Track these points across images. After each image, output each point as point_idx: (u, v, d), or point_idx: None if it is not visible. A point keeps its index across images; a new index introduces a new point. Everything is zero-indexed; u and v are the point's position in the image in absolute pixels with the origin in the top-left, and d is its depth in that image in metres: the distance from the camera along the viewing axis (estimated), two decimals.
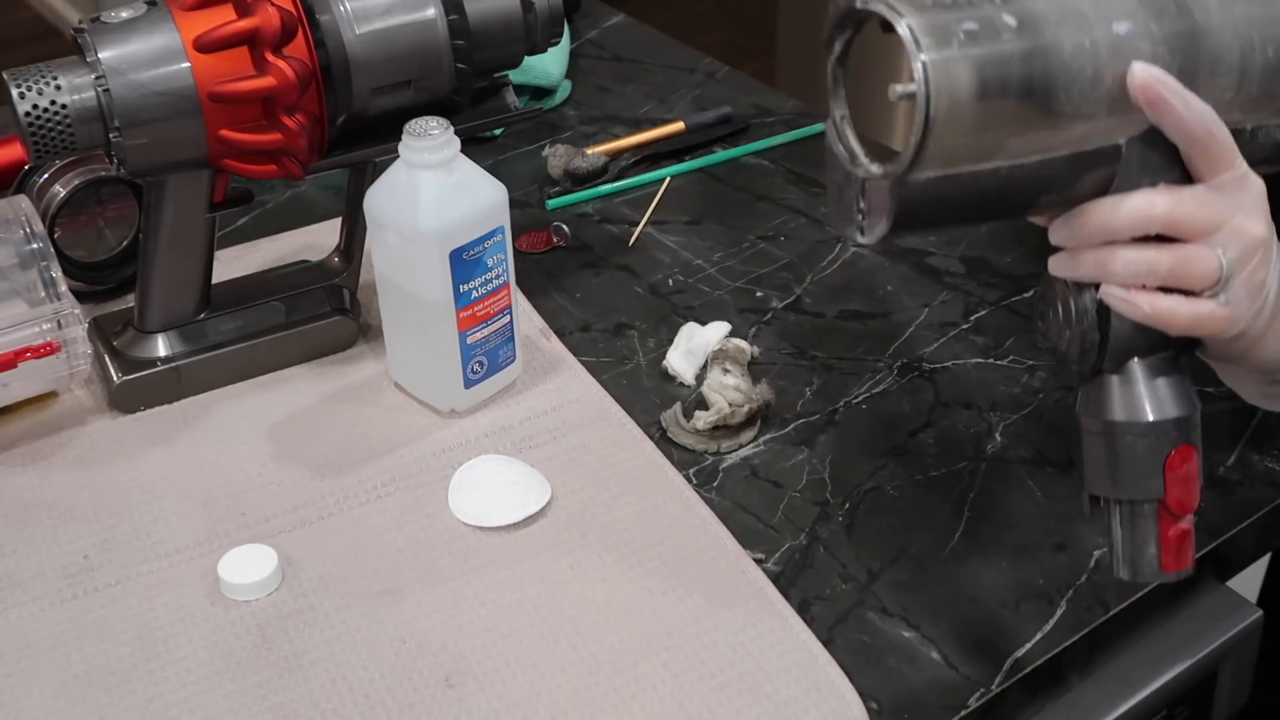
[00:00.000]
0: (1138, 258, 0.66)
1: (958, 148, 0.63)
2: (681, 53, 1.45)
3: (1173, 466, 0.69)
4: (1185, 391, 0.69)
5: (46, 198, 1.01)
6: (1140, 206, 0.66)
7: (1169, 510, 0.69)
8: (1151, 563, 0.70)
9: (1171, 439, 0.69)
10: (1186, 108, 0.65)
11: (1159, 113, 0.65)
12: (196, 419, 0.95)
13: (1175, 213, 0.66)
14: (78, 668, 0.77)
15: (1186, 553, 0.70)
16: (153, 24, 0.85)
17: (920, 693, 0.75)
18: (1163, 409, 0.69)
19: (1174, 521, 0.69)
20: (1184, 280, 0.66)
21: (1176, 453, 0.69)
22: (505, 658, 0.77)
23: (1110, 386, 0.70)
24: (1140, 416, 0.69)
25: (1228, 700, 0.92)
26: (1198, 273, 0.66)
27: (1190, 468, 0.69)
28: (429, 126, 0.86)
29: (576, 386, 0.97)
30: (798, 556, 0.84)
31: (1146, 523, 0.70)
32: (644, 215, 1.17)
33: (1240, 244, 0.66)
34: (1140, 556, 0.70)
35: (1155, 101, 0.64)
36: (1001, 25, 0.63)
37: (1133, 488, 0.69)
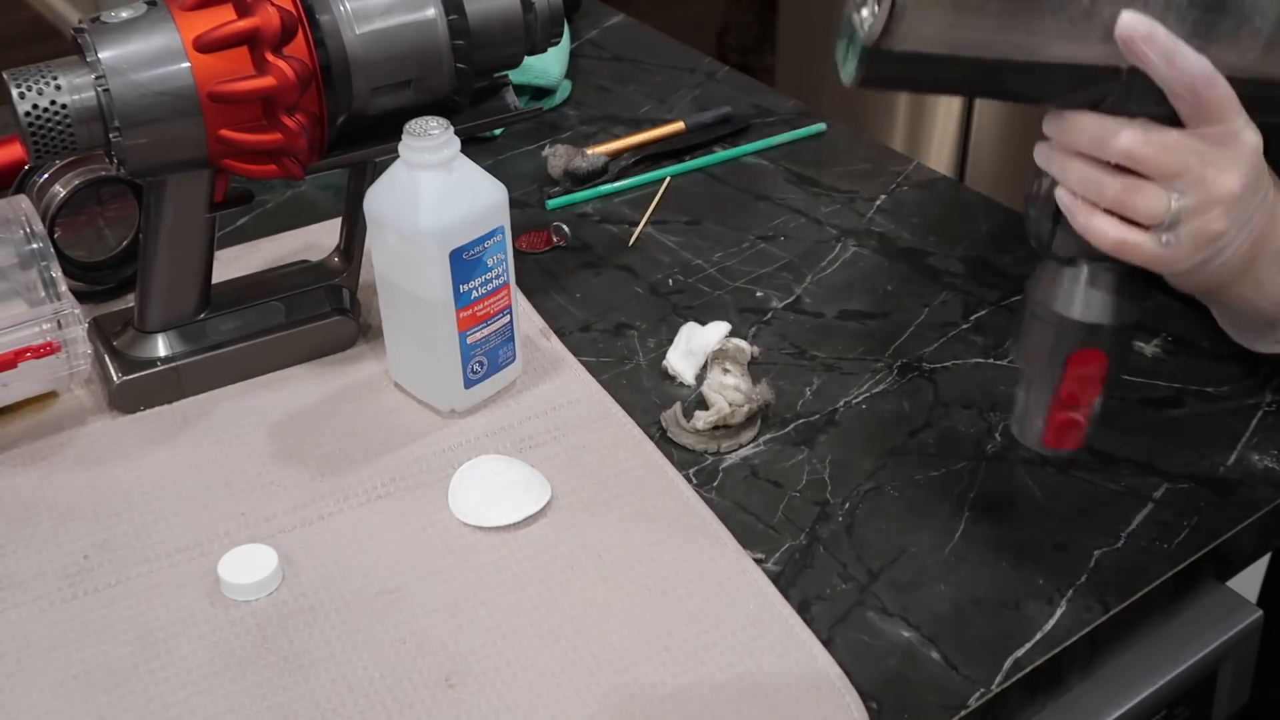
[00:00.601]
0: (1090, 175, 0.71)
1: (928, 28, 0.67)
2: (681, 53, 1.45)
3: (1074, 363, 0.75)
4: (1119, 304, 0.74)
5: (46, 198, 1.01)
6: (1106, 133, 0.70)
7: (1060, 399, 0.76)
8: (1036, 433, 0.78)
9: (1080, 339, 0.74)
10: (1169, 64, 0.68)
11: (1139, 62, 0.68)
12: (196, 419, 0.95)
13: (1137, 150, 0.70)
14: (78, 668, 0.77)
15: (1069, 437, 0.77)
16: (153, 24, 0.85)
17: (920, 693, 0.75)
18: (1086, 311, 0.74)
19: (1064, 410, 0.76)
20: (1127, 210, 0.71)
21: (1081, 353, 0.74)
22: (505, 658, 0.77)
23: (1050, 271, 0.75)
24: (1062, 309, 0.74)
25: (1228, 700, 0.92)
26: (1142, 207, 0.71)
27: (1090, 370, 0.74)
28: (429, 126, 0.86)
29: (576, 386, 0.97)
30: (798, 556, 0.84)
31: (1040, 400, 0.77)
32: (644, 215, 1.17)
33: (1200, 194, 0.70)
34: (1028, 424, 0.78)
35: (1134, 52, 0.68)
36: None
37: (1031, 365, 0.77)
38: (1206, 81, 0.69)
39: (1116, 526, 0.85)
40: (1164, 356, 0.98)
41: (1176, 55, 0.68)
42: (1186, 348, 0.99)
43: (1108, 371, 0.75)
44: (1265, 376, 0.96)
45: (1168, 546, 0.84)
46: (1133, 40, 0.68)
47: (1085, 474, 0.89)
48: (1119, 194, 0.71)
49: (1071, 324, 0.74)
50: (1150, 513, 0.86)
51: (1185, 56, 0.68)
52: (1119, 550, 0.83)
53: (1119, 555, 0.83)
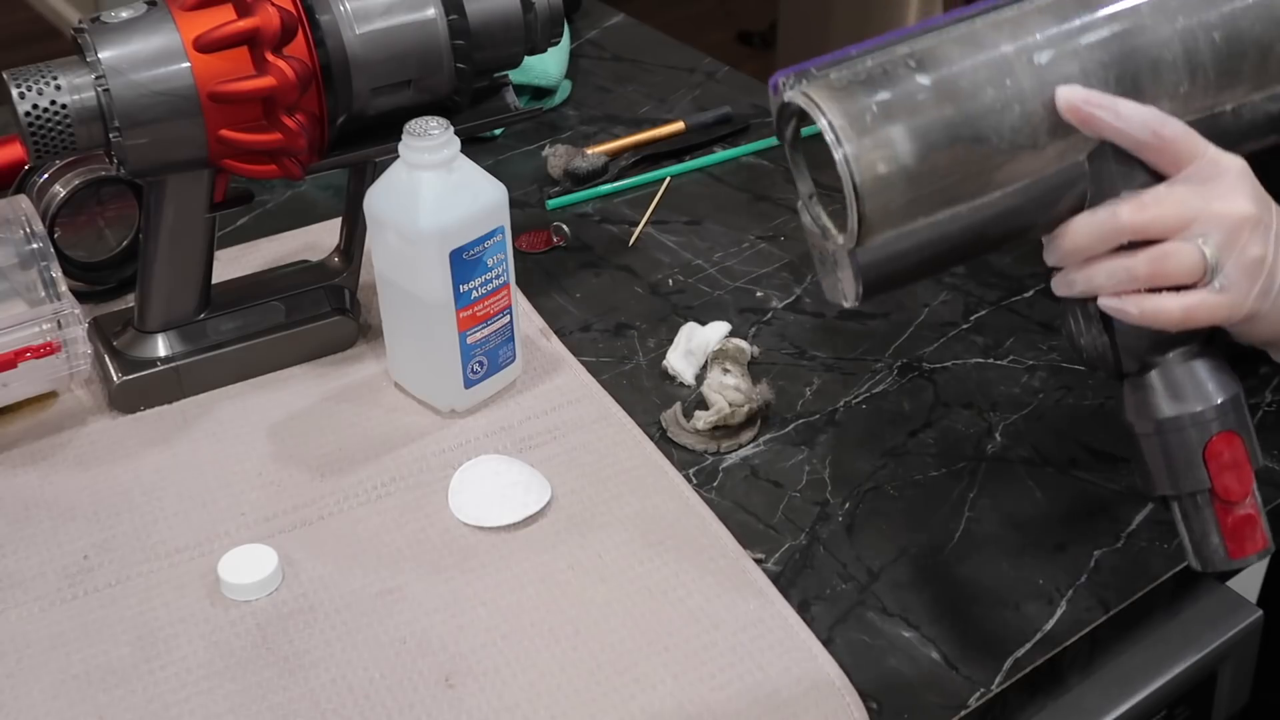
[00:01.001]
0: (1116, 267, 0.69)
1: (898, 211, 0.67)
2: (681, 53, 1.45)
3: (1213, 455, 0.70)
4: (1215, 381, 0.70)
5: (46, 198, 1.01)
6: (1104, 220, 0.69)
7: (1220, 499, 0.70)
8: (1218, 551, 0.71)
9: (1205, 429, 0.70)
10: (1119, 117, 0.68)
11: (1094, 128, 0.68)
12: (196, 419, 0.95)
13: (1139, 218, 0.68)
14: (78, 668, 0.77)
15: (1252, 536, 0.70)
16: (153, 24, 0.85)
17: (920, 693, 0.75)
18: (1184, 402, 0.70)
19: (1230, 509, 0.70)
20: (1167, 278, 0.68)
21: (1214, 441, 0.70)
22: (505, 658, 0.77)
23: (1134, 389, 0.72)
24: (1168, 413, 0.70)
25: (1228, 700, 0.92)
26: (1178, 268, 0.68)
27: (1232, 454, 0.70)
28: (429, 126, 0.86)
29: (576, 386, 0.97)
30: (798, 556, 0.84)
31: (1204, 513, 0.71)
32: (644, 215, 1.17)
33: (1221, 229, 0.68)
34: (1206, 546, 0.71)
35: (1086, 120, 0.68)
36: (916, 89, 0.67)
37: (1177, 482, 0.71)
38: (1159, 121, 0.68)
39: (1116, 526, 0.85)
40: None
41: (1120, 106, 0.68)
42: None
43: (1248, 447, 0.70)
44: (1265, 376, 0.96)
45: (1168, 546, 0.84)
46: (1076, 107, 0.68)
47: (1085, 474, 0.89)
48: (1151, 268, 0.68)
49: (1188, 419, 0.70)
50: (1150, 513, 0.86)
51: (1129, 105, 0.68)
52: (1119, 550, 0.83)
53: (1119, 555, 0.83)
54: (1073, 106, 0.68)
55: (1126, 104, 0.68)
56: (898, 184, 0.67)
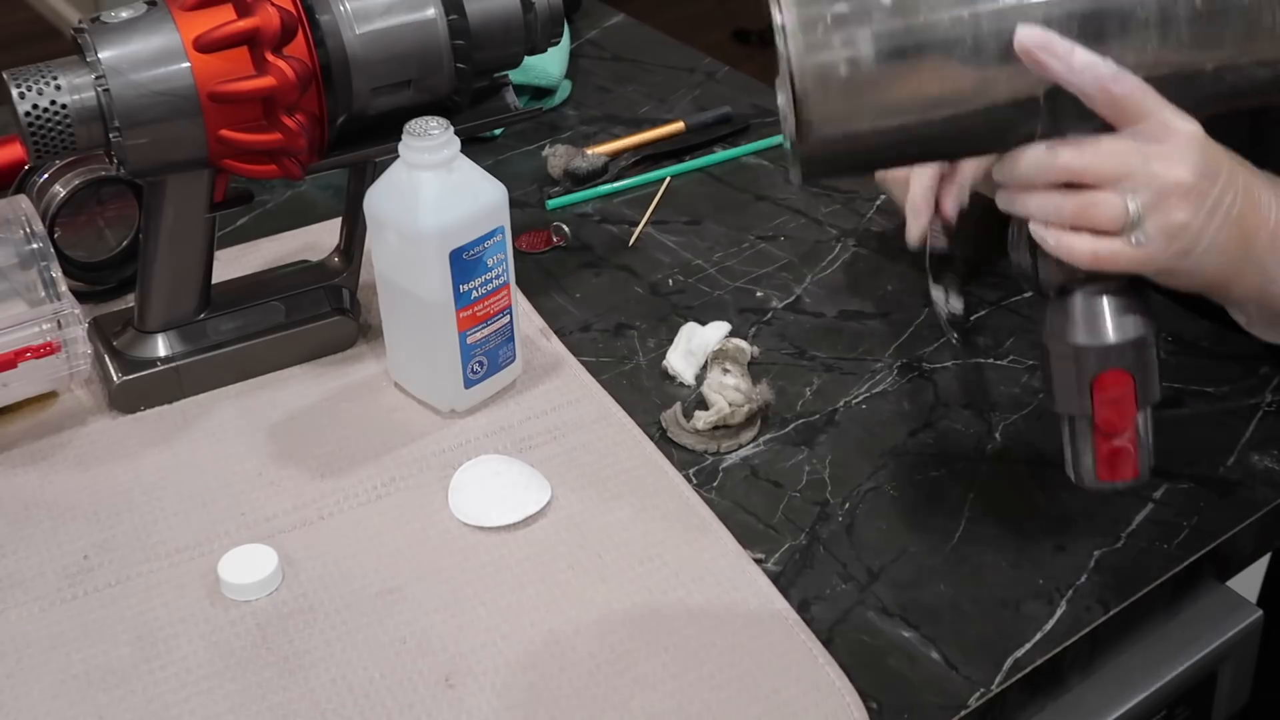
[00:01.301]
0: (1047, 201, 0.73)
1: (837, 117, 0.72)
2: (681, 53, 1.45)
3: (1099, 388, 0.74)
4: (1120, 320, 0.74)
5: (46, 198, 1.01)
6: (1044, 157, 0.73)
7: (1100, 429, 0.75)
8: (1089, 472, 0.76)
9: (1098, 363, 0.74)
10: (1070, 69, 0.70)
11: (1045, 72, 0.71)
12: (196, 419, 0.95)
13: (1075, 163, 0.72)
14: (78, 668, 0.77)
15: (1121, 466, 0.76)
16: (153, 24, 0.85)
17: (920, 693, 0.75)
18: (1092, 335, 0.74)
19: (1108, 439, 0.75)
20: (1090, 222, 0.72)
21: (1103, 376, 0.74)
22: (505, 658, 0.77)
23: (1050, 309, 0.76)
24: (1069, 339, 0.75)
25: (1228, 700, 0.92)
26: (1102, 216, 0.72)
27: (1118, 391, 0.74)
28: (429, 126, 0.86)
29: (576, 386, 0.97)
30: (798, 556, 0.84)
31: (1084, 436, 0.76)
32: (644, 215, 1.17)
33: (1151, 189, 0.71)
34: (1080, 465, 0.77)
35: (1036, 63, 0.71)
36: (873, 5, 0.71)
37: (1064, 404, 0.76)
38: (1112, 78, 0.70)
39: (1116, 526, 0.85)
40: (1164, 356, 0.98)
41: (1075, 57, 0.70)
42: (1186, 348, 0.99)
43: (1137, 390, 0.74)
44: (1265, 376, 0.96)
45: (1168, 546, 0.84)
46: (1030, 51, 0.70)
47: None
48: (1077, 209, 0.72)
49: (1083, 350, 0.74)
50: (1150, 513, 0.86)
51: (1084, 57, 0.70)
52: (1119, 550, 0.83)
53: (1119, 555, 0.83)
54: (1026, 49, 0.70)
55: (1081, 54, 0.70)
56: (836, 92, 0.71)
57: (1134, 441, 0.75)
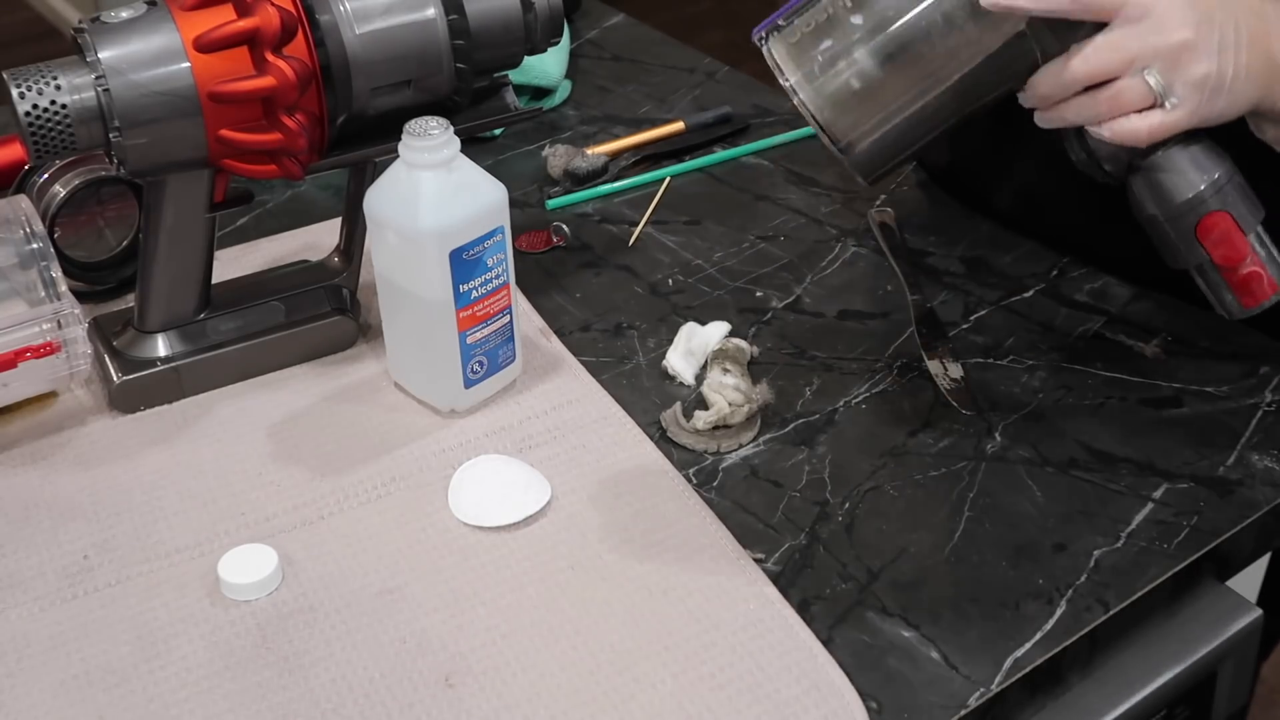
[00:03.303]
0: (1081, 106, 0.82)
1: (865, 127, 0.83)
2: (681, 53, 1.45)
3: (1204, 234, 0.83)
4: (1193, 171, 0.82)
5: (46, 198, 1.01)
6: (1058, 73, 0.81)
7: (1221, 267, 0.84)
8: (1234, 304, 0.86)
9: (1191, 215, 0.83)
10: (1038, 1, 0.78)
11: (1019, 13, 0.79)
12: (196, 419, 0.95)
13: (1085, 68, 0.80)
14: (78, 667, 0.77)
15: (1258, 288, 0.84)
16: (153, 24, 0.85)
17: (920, 692, 0.75)
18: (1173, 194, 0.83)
19: (1234, 272, 0.84)
20: (1125, 108, 0.80)
21: (1202, 223, 0.83)
22: (505, 658, 0.77)
23: (1135, 187, 0.85)
24: (1156, 207, 0.84)
25: (1228, 700, 0.92)
26: (1133, 99, 0.80)
27: (1220, 230, 0.82)
28: (429, 126, 0.86)
29: (576, 386, 0.97)
30: (798, 556, 0.84)
31: (1213, 277, 0.85)
32: (644, 215, 1.17)
33: (1161, 58, 0.79)
34: (1225, 302, 0.86)
35: (1007, 9, 0.79)
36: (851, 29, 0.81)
37: (1183, 259, 0.85)
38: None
39: (1116, 526, 0.85)
40: (1164, 356, 0.98)
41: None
42: (1186, 348, 0.99)
43: (1237, 221, 0.82)
44: (1265, 376, 0.96)
45: (1168, 546, 0.84)
46: (997, 3, 0.78)
47: (1085, 474, 0.89)
48: (1110, 105, 0.80)
49: (1172, 210, 0.83)
50: (1150, 513, 0.86)
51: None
52: (1119, 550, 0.83)
53: (1119, 555, 0.83)
54: (994, 2, 0.78)
55: None
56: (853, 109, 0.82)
57: (1259, 263, 0.83)
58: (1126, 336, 1.00)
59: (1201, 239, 0.83)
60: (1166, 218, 0.84)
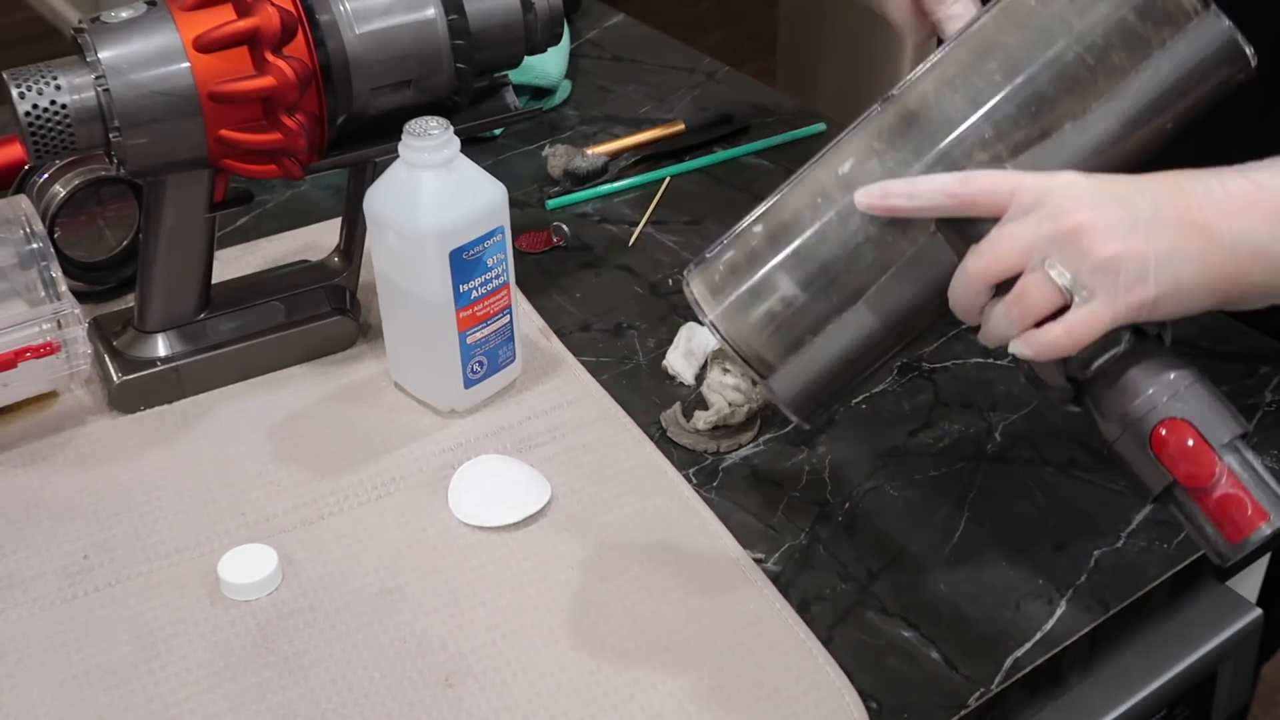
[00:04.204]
0: (997, 315, 0.70)
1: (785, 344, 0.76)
2: (681, 53, 1.45)
3: (1159, 446, 0.68)
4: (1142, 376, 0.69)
5: (46, 198, 1.01)
6: (960, 278, 0.71)
7: (1191, 489, 0.68)
8: (1219, 540, 0.69)
9: (1145, 423, 0.69)
10: (913, 197, 0.71)
11: (902, 215, 0.72)
12: (196, 419, 0.95)
13: (980, 265, 0.69)
14: (78, 667, 0.77)
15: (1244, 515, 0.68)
16: (153, 24, 0.85)
17: (920, 692, 0.75)
18: (1122, 405, 0.69)
19: (1206, 495, 0.68)
20: (1035, 311, 0.69)
21: (1155, 433, 0.68)
22: (505, 658, 0.77)
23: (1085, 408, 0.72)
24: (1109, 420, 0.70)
25: (1228, 700, 0.92)
26: (1038, 297, 0.68)
27: (1179, 439, 0.68)
28: (429, 126, 0.86)
29: (576, 386, 0.97)
30: (798, 556, 0.84)
31: (1189, 506, 0.69)
32: (644, 215, 1.17)
33: (1056, 245, 0.68)
34: (1209, 539, 0.69)
35: (888, 212, 0.72)
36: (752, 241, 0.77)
37: (1148, 484, 0.70)
38: (958, 183, 0.70)
39: (1116, 526, 0.85)
40: None
41: (914, 189, 0.71)
42: (1186, 348, 0.99)
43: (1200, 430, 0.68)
44: (1265, 376, 0.96)
45: (1167, 546, 0.84)
46: (874, 208, 0.72)
47: (1085, 474, 0.89)
48: (1020, 308, 0.69)
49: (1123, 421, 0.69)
50: (1150, 513, 0.86)
51: (921, 184, 0.71)
52: (1119, 550, 0.83)
53: (1119, 555, 0.83)
54: (870, 207, 0.72)
55: (921, 181, 0.71)
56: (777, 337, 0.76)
57: (1237, 484, 0.68)
58: None
59: (1158, 452, 0.68)
60: (1120, 432, 0.70)
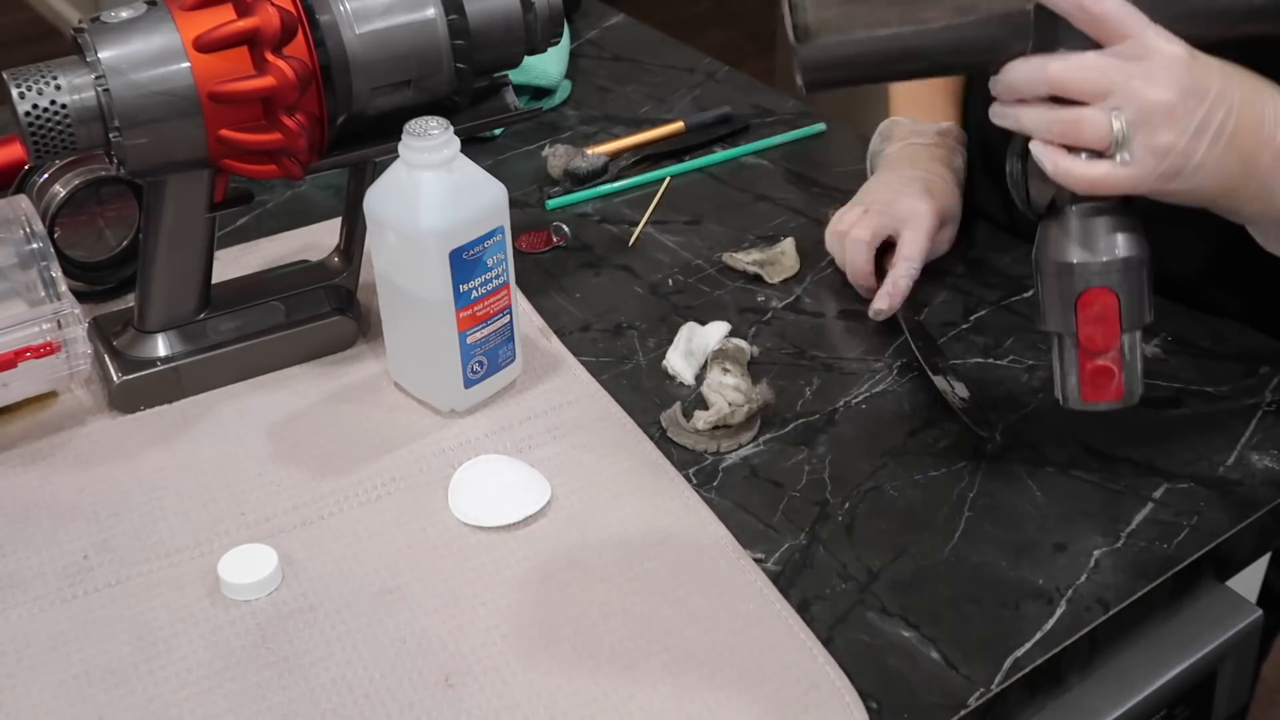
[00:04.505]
0: (1038, 114, 0.75)
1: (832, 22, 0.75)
2: (681, 53, 1.45)
3: (1083, 305, 0.76)
4: (1109, 239, 0.75)
5: (46, 198, 1.01)
6: (1034, 68, 0.74)
7: (1084, 347, 0.77)
8: (1074, 391, 0.78)
9: (1082, 281, 0.76)
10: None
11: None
12: (196, 419, 0.95)
13: (1062, 75, 0.73)
14: (77, 667, 0.77)
15: (1105, 387, 0.77)
16: (153, 24, 0.85)
17: (920, 692, 0.75)
18: (1077, 252, 0.76)
19: (1091, 358, 0.76)
20: (1077, 139, 0.74)
21: (1087, 294, 0.75)
22: (505, 658, 0.77)
23: (1042, 225, 0.78)
24: (1055, 256, 0.77)
25: (1227, 700, 0.92)
26: (1089, 131, 0.73)
27: (1100, 309, 0.75)
28: (429, 126, 0.86)
29: (576, 386, 0.97)
30: (797, 556, 0.84)
31: (1069, 355, 0.78)
32: (644, 215, 1.17)
33: (1134, 106, 0.72)
34: (1066, 385, 0.79)
35: None
36: None
37: (1051, 321, 0.78)
38: None
39: (1117, 527, 0.85)
40: (1164, 356, 0.98)
41: None
42: (1186, 348, 0.99)
43: (1121, 310, 0.75)
44: (1265, 376, 0.96)
45: (1167, 546, 0.84)
46: None
47: (1085, 474, 0.89)
48: (1065, 125, 0.73)
49: (1067, 267, 0.76)
50: (1150, 512, 0.86)
51: None
52: (1119, 550, 0.83)
53: (1119, 555, 0.83)
54: None
55: None
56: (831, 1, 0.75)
57: (1118, 362, 0.76)
58: None
59: (1079, 309, 0.76)
60: (1055, 272, 0.77)
